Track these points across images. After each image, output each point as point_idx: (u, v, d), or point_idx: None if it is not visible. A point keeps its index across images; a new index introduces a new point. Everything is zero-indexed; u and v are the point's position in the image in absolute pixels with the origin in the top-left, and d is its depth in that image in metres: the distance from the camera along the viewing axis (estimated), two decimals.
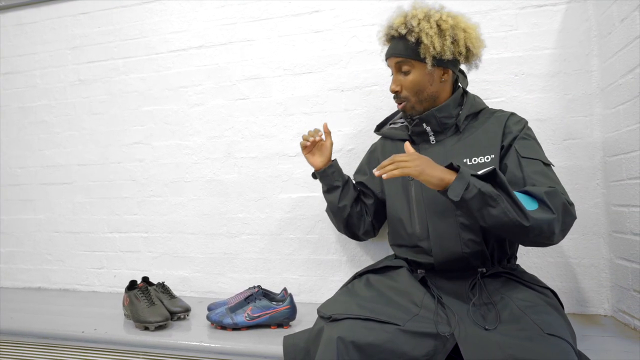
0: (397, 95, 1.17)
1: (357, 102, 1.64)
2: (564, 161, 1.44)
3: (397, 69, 1.16)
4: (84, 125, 1.98)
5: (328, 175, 1.33)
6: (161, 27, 1.89)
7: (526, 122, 1.13)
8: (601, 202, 1.41)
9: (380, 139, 1.38)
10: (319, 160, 1.34)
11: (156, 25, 1.90)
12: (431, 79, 1.14)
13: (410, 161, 0.94)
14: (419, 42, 1.11)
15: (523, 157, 1.03)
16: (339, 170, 1.35)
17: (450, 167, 0.94)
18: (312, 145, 1.34)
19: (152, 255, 1.87)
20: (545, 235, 0.91)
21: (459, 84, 1.20)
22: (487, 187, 0.89)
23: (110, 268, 1.92)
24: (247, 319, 1.33)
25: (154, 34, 1.90)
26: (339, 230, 1.42)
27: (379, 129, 1.38)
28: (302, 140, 1.33)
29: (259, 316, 1.33)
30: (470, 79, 1.52)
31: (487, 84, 1.51)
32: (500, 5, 1.52)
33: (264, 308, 1.34)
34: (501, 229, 0.91)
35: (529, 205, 0.91)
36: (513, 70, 1.50)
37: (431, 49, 1.09)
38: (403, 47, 1.13)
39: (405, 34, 1.12)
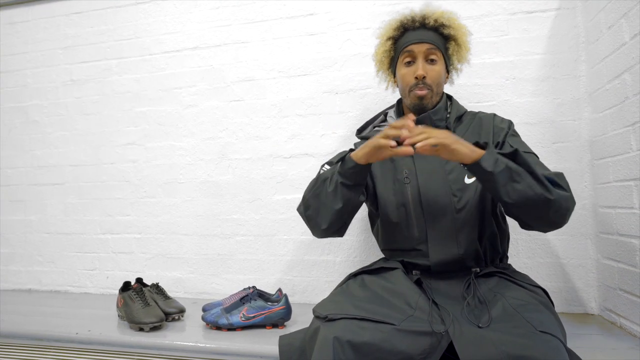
0: (422, 82, 1.14)
1: (352, 105, 1.66)
2: (554, 163, 1.47)
3: (425, 57, 1.15)
4: (76, 125, 1.97)
5: (365, 172, 1.08)
6: (155, 28, 1.89)
7: (511, 122, 1.18)
8: (589, 204, 1.45)
9: (362, 142, 1.30)
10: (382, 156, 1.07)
11: (150, 26, 1.90)
12: (444, 76, 1.20)
13: (438, 132, 0.93)
14: (450, 39, 1.17)
15: (522, 152, 1.07)
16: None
17: (475, 144, 0.96)
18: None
19: (146, 257, 1.86)
20: (562, 212, 0.96)
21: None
22: (512, 164, 0.93)
23: (103, 269, 1.91)
24: (243, 319, 1.33)
25: (148, 35, 1.90)
26: (321, 225, 1.14)
27: (359, 132, 1.34)
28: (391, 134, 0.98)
29: (254, 316, 1.34)
30: (462, 82, 1.55)
31: (479, 87, 1.54)
32: (491, 10, 1.55)
33: (260, 308, 1.35)
34: (525, 203, 0.94)
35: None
36: (504, 74, 1.53)
37: (461, 49, 1.16)
38: (435, 37, 1.16)
39: (442, 25, 1.15)
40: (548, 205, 0.93)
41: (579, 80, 1.47)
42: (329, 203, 1.09)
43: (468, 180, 1.09)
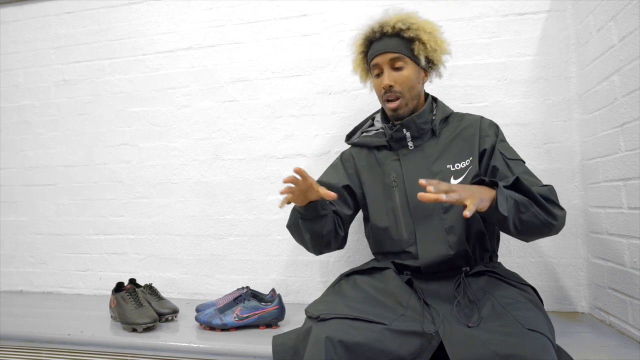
0: (390, 90, 1.15)
1: (345, 105, 1.67)
2: (544, 164, 1.49)
3: (390, 66, 1.16)
4: (69, 126, 1.96)
5: (316, 205, 1.09)
6: (148, 28, 1.88)
7: (497, 125, 1.19)
8: (579, 204, 1.47)
9: (352, 148, 1.33)
10: (312, 198, 1.08)
11: (143, 26, 1.89)
12: (418, 77, 1.19)
13: (463, 191, 0.87)
14: (414, 40, 1.15)
15: (509, 159, 1.10)
16: (324, 200, 1.13)
17: (480, 182, 0.96)
18: (300, 192, 1.03)
19: (139, 257, 1.85)
20: (560, 228, 1.02)
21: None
22: (517, 196, 0.94)
23: (96, 270, 1.90)
24: (236, 319, 1.33)
25: (141, 35, 1.89)
26: (308, 250, 1.24)
27: (348, 138, 1.35)
28: (285, 195, 1.01)
29: (247, 317, 1.34)
30: (454, 83, 1.57)
31: (470, 88, 1.56)
32: (483, 12, 1.56)
33: (253, 308, 1.35)
34: (531, 229, 0.98)
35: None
36: (496, 75, 1.54)
37: (427, 47, 1.15)
38: (397, 43, 1.16)
39: (401, 30, 1.15)
40: (550, 228, 0.98)
41: (569, 82, 1.49)
42: (301, 234, 1.18)
43: (454, 182, 1.11)
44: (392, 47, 1.15)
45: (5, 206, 2.02)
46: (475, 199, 0.86)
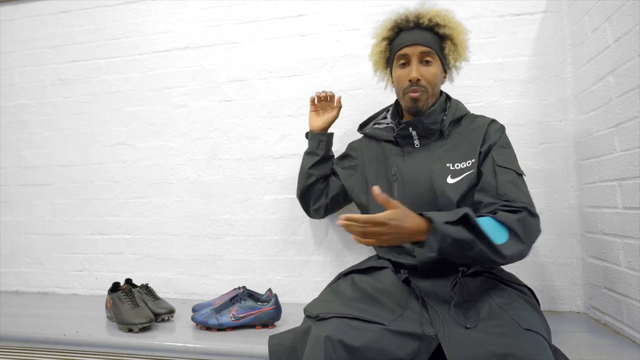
0: (416, 84, 1.14)
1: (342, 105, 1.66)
2: (540, 164, 1.50)
3: (419, 59, 1.15)
4: (65, 125, 1.95)
5: (316, 140, 1.40)
6: (145, 28, 1.88)
7: (504, 130, 1.16)
8: (575, 204, 1.47)
9: (363, 138, 1.37)
10: (318, 124, 1.42)
11: (140, 25, 1.89)
12: (440, 77, 1.18)
13: (384, 235, 0.90)
14: (446, 38, 1.15)
15: (498, 166, 1.07)
16: (329, 144, 1.42)
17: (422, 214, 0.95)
18: (322, 102, 1.43)
19: (135, 257, 1.85)
20: (516, 260, 0.97)
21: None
22: (460, 234, 0.90)
23: (92, 270, 1.90)
24: (232, 319, 1.33)
25: (137, 35, 1.89)
26: (297, 195, 1.46)
27: (361, 127, 1.39)
28: (314, 95, 1.43)
29: (244, 317, 1.34)
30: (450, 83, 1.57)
31: (467, 88, 1.56)
32: (480, 13, 1.57)
33: (249, 308, 1.35)
34: (477, 264, 1.00)
35: (500, 234, 0.94)
36: (492, 76, 1.55)
37: (459, 48, 1.15)
38: (431, 38, 1.15)
39: (437, 25, 1.14)
40: (499, 263, 0.95)
41: (565, 82, 1.50)
42: (300, 173, 1.43)
43: (451, 180, 1.11)
44: (426, 41, 1.14)
45: (1, 206, 2.01)
46: (370, 239, 0.90)
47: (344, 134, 1.64)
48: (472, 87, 1.56)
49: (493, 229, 0.94)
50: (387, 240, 0.91)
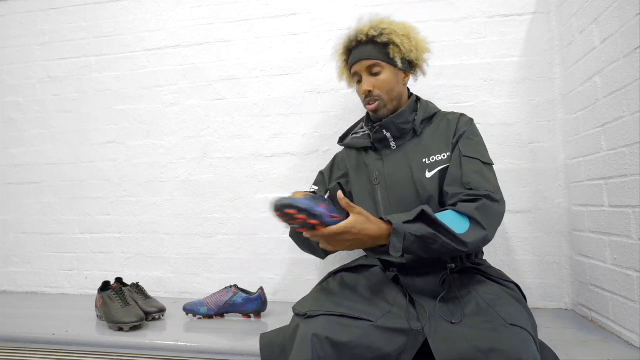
0: (369, 95, 1.19)
1: (333, 105, 1.67)
2: (529, 163, 1.51)
3: (368, 72, 1.20)
4: (54, 123, 1.93)
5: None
6: (136, 26, 1.87)
7: (473, 122, 1.19)
8: (563, 203, 1.49)
9: (345, 149, 1.37)
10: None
11: (131, 23, 1.87)
12: (397, 79, 1.21)
13: (347, 241, 0.94)
14: (388, 44, 1.17)
15: (464, 156, 1.10)
16: None
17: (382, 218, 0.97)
18: None
19: (126, 256, 1.84)
20: (481, 246, 1.01)
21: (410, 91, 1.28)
22: (422, 230, 0.93)
23: (82, 270, 1.88)
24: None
25: (128, 32, 1.87)
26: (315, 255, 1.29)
27: (342, 140, 1.39)
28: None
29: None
30: (441, 83, 1.58)
31: (458, 89, 1.58)
32: (470, 13, 1.58)
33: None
34: (443, 256, 1.02)
35: (461, 224, 0.97)
36: (482, 76, 1.56)
37: (402, 49, 1.17)
38: (373, 49, 1.18)
39: (374, 37, 1.17)
40: (464, 252, 0.97)
41: (553, 83, 1.52)
42: (304, 244, 1.26)
43: (428, 175, 1.13)
44: (367, 54, 1.18)
45: None
46: (336, 248, 0.95)
47: (335, 133, 1.64)
48: (462, 87, 1.58)
49: (453, 220, 0.97)
50: (351, 246, 0.95)
